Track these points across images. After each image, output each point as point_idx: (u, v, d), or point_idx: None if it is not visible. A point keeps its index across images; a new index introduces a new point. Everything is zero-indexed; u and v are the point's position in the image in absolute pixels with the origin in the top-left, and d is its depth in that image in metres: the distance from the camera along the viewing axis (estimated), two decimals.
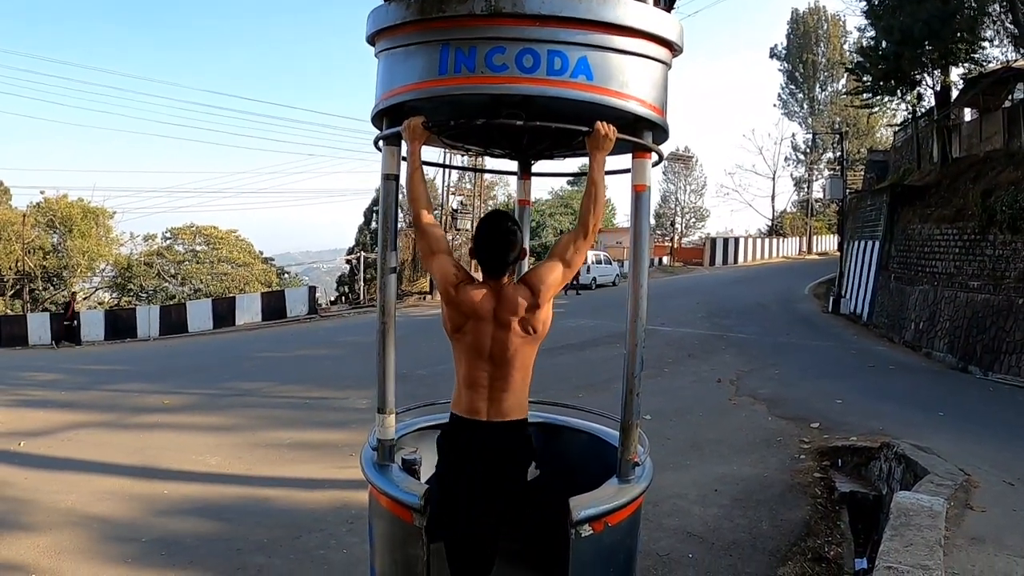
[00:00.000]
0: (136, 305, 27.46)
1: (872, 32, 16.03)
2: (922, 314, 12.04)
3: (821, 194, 35.62)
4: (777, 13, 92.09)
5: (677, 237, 44.10)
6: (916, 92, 15.59)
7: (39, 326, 21.28)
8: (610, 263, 27.14)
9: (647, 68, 2.03)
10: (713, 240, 40.52)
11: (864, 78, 15.99)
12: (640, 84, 2.01)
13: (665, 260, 37.53)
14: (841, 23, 40.60)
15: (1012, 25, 12.41)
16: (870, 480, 5.08)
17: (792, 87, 45.12)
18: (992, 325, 9.74)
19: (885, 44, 14.57)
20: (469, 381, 2.10)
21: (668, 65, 2.13)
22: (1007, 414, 7.18)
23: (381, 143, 2.23)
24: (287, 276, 38.38)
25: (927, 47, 13.25)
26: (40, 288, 29.57)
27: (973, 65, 14.05)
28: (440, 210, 25.91)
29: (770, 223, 47.31)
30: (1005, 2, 12.32)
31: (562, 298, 18.47)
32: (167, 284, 32.72)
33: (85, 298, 30.17)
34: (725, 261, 37.91)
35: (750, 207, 60.19)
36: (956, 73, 14.63)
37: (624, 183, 2.24)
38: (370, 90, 2.25)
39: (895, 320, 13.45)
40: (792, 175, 47.02)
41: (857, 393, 7.86)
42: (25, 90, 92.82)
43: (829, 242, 41.88)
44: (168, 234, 34.60)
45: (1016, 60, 13.84)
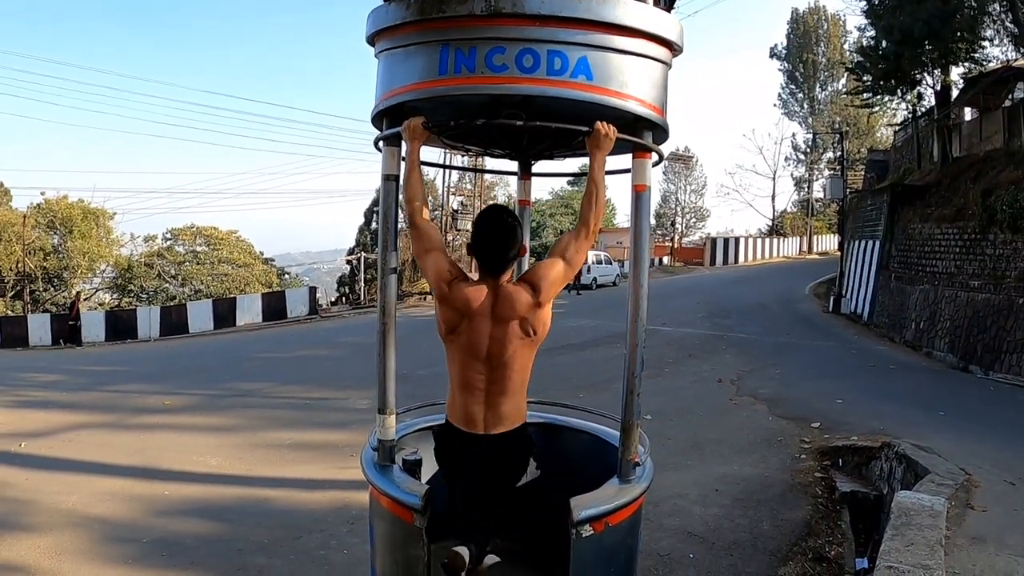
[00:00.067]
0: (137, 306, 27.51)
1: (872, 32, 16.04)
2: (923, 314, 12.04)
3: (821, 194, 35.57)
4: (777, 13, 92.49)
5: (677, 237, 44.12)
6: (916, 92, 15.59)
7: (40, 327, 21.36)
8: (610, 263, 27.12)
9: (647, 68, 2.03)
10: (713, 240, 40.52)
11: (864, 78, 16.00)
12: (640, 84, 2.01)
13: (665, 260, 37.52)
14: (841, 23, 40.63)
15: (1012, 24, 12.42)
16: (871, 480, 5.07)
17: (792, 87, 45.11)
18: (993, 324, 9.74)
19: (885, 44, 14.57)
20: (464, 384, 2.02)
21: (668, 65, 2.12)
22: (1008, 413, 7.18)
23: (381, 144, 2.22)
24: (287, 277, 38.41)
25: (927, 47, 13.25)
26: (41, 289, 29.61)
27: (973, 64, 14.05)
28: (440, 210, 25.91)
29: (770, 223, 47.33)
30: (1005, 2, 12.32)
31: (562, 298, 18.46)
32: (168, 285, 32.73)
33: (86, 299, 30.17)
34: (725, 261, 37.90)
35: (750, 207, 60.48)
36: (956, 72, 14.63)
37: (624, 183, 2.23)
38: (370, 90, 2.24)
39: (896, 320, 13.44)
40: (792, 175, 47.14)
41: (858, 393, 7.86)
42: (23, 90, 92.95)
43: (829, 242, 41.87)
44: (168, 235, 34.67)
45: (1016, 59, 13.84)
